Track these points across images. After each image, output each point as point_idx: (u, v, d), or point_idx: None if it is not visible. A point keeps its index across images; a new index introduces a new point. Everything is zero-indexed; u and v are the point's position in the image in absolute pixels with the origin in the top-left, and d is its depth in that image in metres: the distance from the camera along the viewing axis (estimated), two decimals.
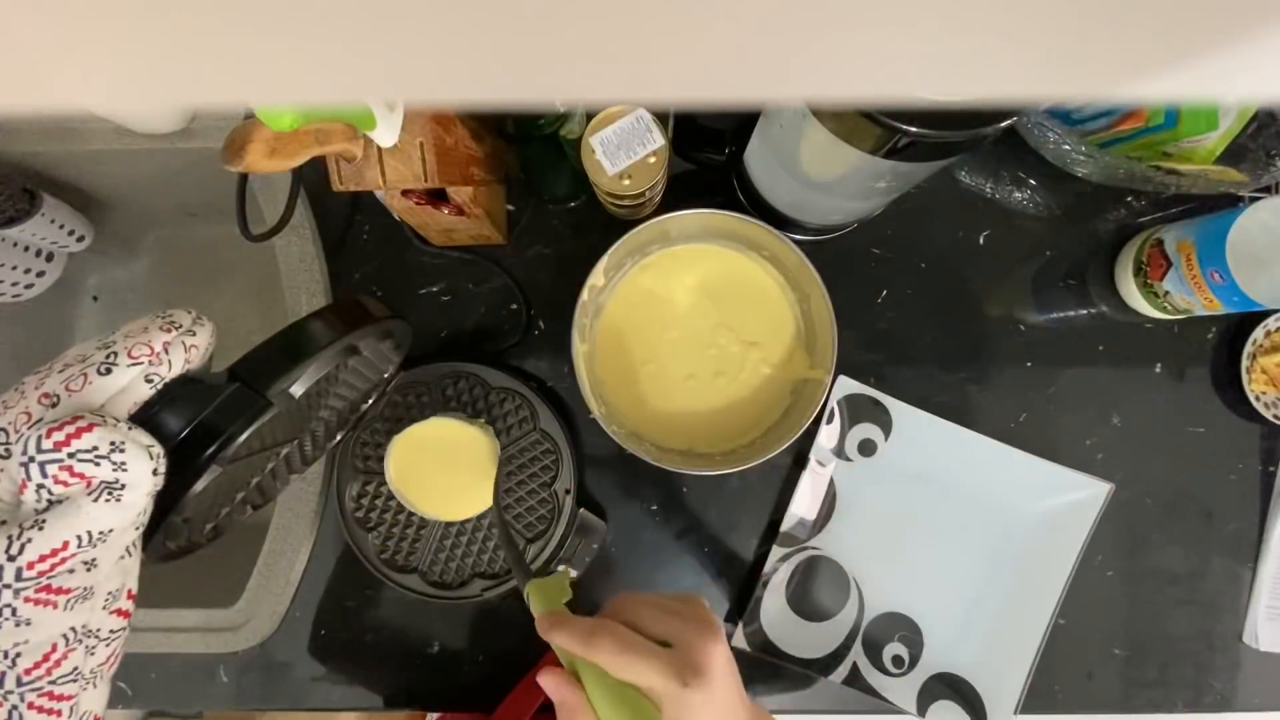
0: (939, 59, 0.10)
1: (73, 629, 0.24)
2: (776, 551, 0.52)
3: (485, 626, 0.53)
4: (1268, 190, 0.53)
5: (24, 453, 0.23)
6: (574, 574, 0.50)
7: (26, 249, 0.58)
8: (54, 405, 0.24)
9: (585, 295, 0.46)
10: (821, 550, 0.53)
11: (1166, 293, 0.49)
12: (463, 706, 0.53)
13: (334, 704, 0.54)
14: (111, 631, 0.26)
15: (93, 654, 0.26)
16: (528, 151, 0.50)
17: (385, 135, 0.36)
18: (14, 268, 0.58)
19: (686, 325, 0.50)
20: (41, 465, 0.23)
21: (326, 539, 0.53)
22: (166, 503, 0.26)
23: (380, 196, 0.46)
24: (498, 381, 0.50)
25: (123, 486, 0.24)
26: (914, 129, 0.31)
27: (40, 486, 0.23)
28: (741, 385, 0.50)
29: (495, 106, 0.10)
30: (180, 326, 0.27)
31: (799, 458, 0.53)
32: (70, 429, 0.23)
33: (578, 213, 0.54)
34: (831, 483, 0.53)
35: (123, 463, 0.23)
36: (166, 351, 0.26)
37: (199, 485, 0.27)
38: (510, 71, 0.10)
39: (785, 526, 0.52)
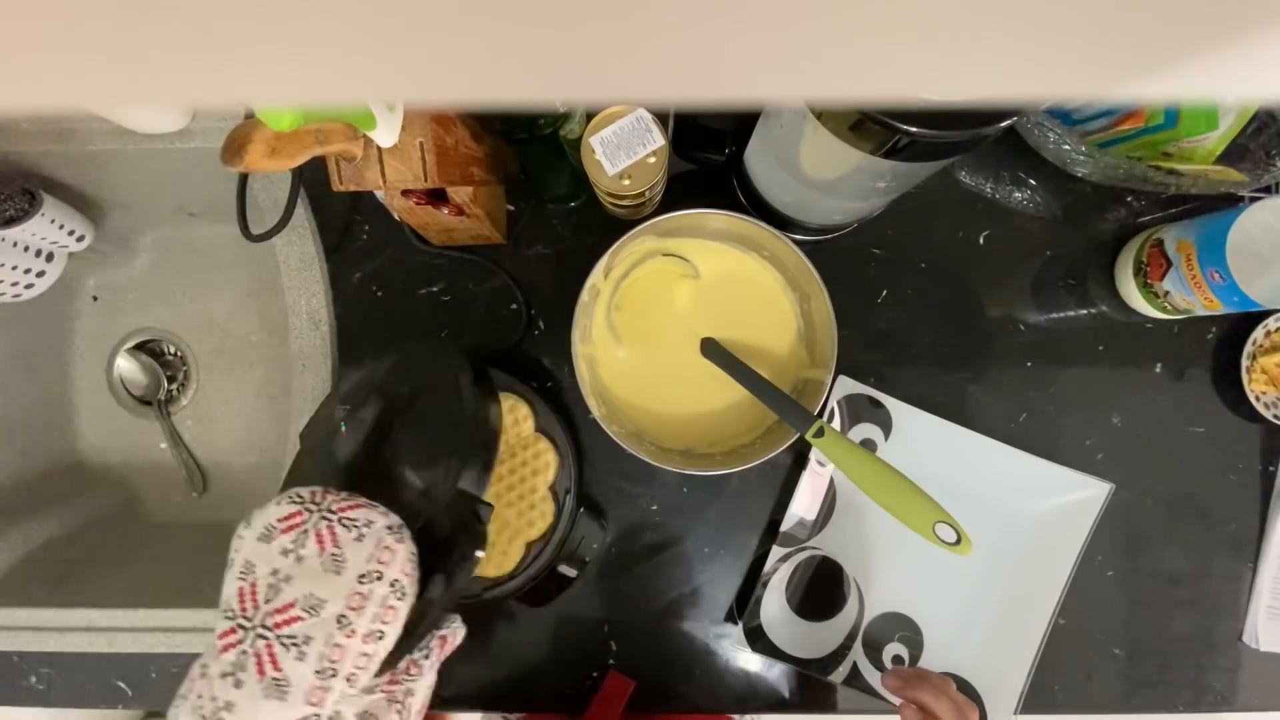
0: (940, 59, 0.10)
1: None
2: (776, 551, 0.52)
3: (485, 626, 0.53)
4: (1268, 190, 0.53)
5: (418, 674, 0.32)
6: (573, 573, 0.50)
7: (26, 249, 0.58)
8: (381, 638, 0.30)
9: (585, 295, 0.46)
10: (821, 550, 0.53)
11: (1166, 293, 0.49)
12: (462, 706, 0.53)
13: None
14: None
15: None
16: (528, 151, 0.50)
17: (385, 135, 0.36)
18: (14, 268, 0.58)
19: (686, 325, 0.50)
20: (424, 672, 0.33)
21: None
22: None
23: (380, 196, 0.46)
24: (498, 381, 0.50)
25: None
26: (914, 129, 0.31)
27: (413, 682, 0.32)
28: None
29: (495, 106, 0.10)
30: (395, 525, 0.32)
31: (799, 458, 0.53)
32: (446, 646, 0.34)
33: (578, 213, 0.54)
34: (831, 483, 0.53)
35: (458, 642, 0.35)
36: (414, 553, 0.32)
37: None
38: (510, 71, 0.10)
39: (785, 526, 0.52)
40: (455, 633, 0.34)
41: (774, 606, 0.52)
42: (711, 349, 0.49)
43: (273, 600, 0.29)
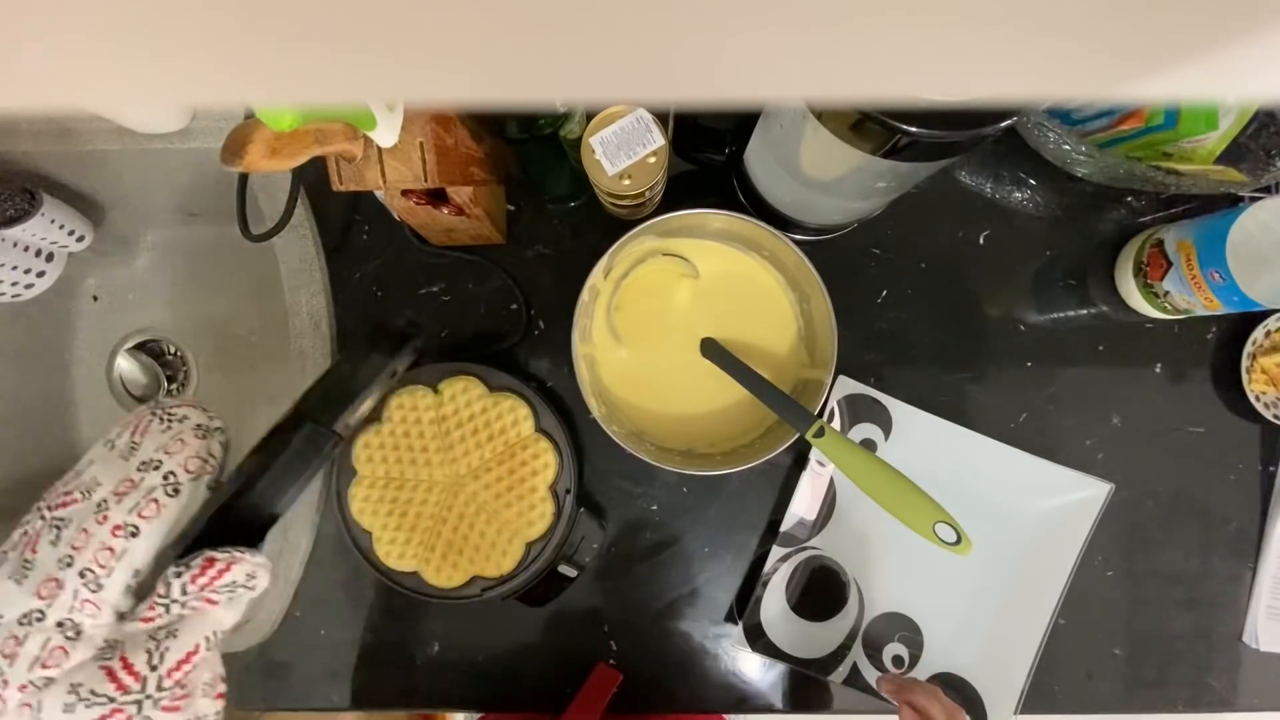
0: (940, 59, 0.10)
1: None
2: (776, 551, 0.52)
3: (485, 626, 0.53)
4: (1268, 190, 0.53)
5: (166, 596, 0.25)
6: (573, 574, 0.50)
7: (26, 249, 0.58)
8: (134, 534, 0.25)
9: (585, 295, 0.46)
10: (821, 550, 0.53)
11: (1166, 293, 0.49)
12: (463, 706, 0.53)
13: (334, 704, 0.54)
14: (216, 714, 0.27)
15: None
16: (528, 151, 0.50)
17: (385, 135, 0.36)
18: (14, 268, 0.58)
19: (686, 325, 0.50)
20: (182, 602, 0.25)
21: (326, 539, 0.53)
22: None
23: (380, 196, 0.46)
24: (498, 381, 0.50)
25: (249, 590, 0.26)
26: (914, 129, 0.31)
27: (169, 612, 0.25)
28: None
29: (495, 106, 0.10)
30: (214, 428, 0.29)
31: (799, 458, 0.53)
32: (212, 572, 0.25)
33: (578, 213, 0.54)
34: (831, 483, 0.53)
35: (252, 586, 0.26)
36: (213, 456, 0.28)
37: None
38: (510, 71, 0.10)
39: (785, 526, 0.52)
40: (234, 564, 0.26)
41: (774, 606, 0.52)
42: (711, 349, 0.49)
43: (68, 484, 0.26)
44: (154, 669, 0.24)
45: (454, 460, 0.50)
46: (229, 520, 0.27)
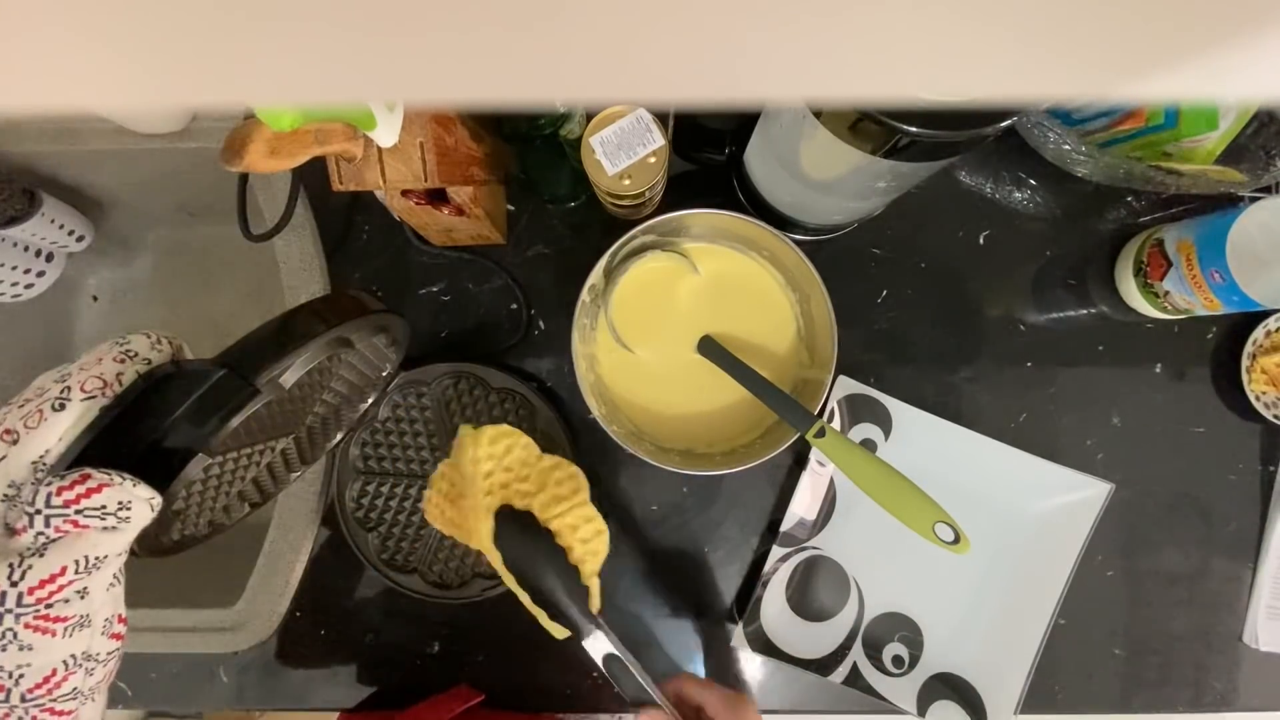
0: (939, 59, 0.10)
1: (73, 655, 0.25)
2: (776, 551, 0.52)
3: (485, 626, 0.53)
4: (1268, 190, 0.53)
5: (32, 505, 0.24)
6: None
7: (26, 249, 0.58)
8: (15, 442, 0.24)
9: (585, 295, 0.46)
10: (821, 550, 0.53)
11: (1166, 293, 0.49)
12: None
13: (334, 704, 0.54)
14: (108, 653, 0.27)
15: (91, 674, 0.26)
16: (528, 151, 0.50)
17: (385, 135, 0.36)
18: (14, 268, 0.58)
19: (687, 325, 0.50)
20: (47, 518, 0.24)
21: (326, 539, 0.53)
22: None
23: (380, 196, 0.46)
24: (498, 381, 0.50)
25: (124, 521, 0.25)
26: (914, 129, 0.31)
27: (41, 534, 0.24)
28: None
29: (495, 106, 0.10)
30: (136, 355, 0.27)
31: (799, 458, 0.53)
32: (80, 489, 0.24)
33: (578, 213, 0.54)
34: (831, 483, 0.53)
35: (127, 517, 0.25)
36: (119, 382, 0.27)
37: (186, 473, 0.27)
38: (510, 71, 0.10)
39: (785, 526, 0.52)
40: (107, 486, 0.24)
41: (774, 606, 0.52)
42: (709, 347, 0.49)
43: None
44: (14, 584, 0.23)
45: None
46: (126, 449, 0.26)
